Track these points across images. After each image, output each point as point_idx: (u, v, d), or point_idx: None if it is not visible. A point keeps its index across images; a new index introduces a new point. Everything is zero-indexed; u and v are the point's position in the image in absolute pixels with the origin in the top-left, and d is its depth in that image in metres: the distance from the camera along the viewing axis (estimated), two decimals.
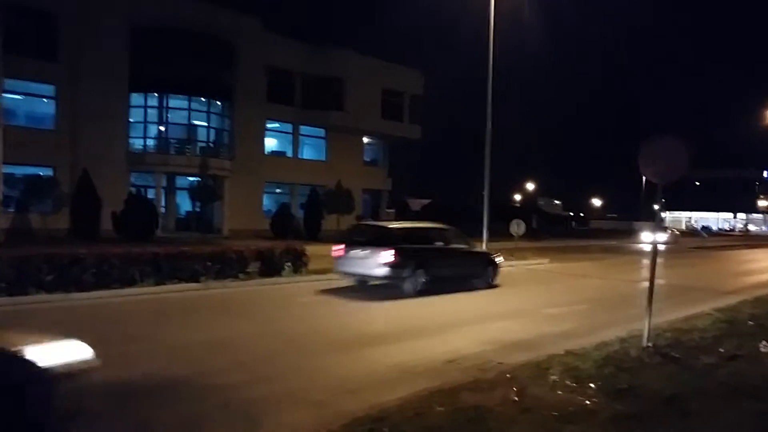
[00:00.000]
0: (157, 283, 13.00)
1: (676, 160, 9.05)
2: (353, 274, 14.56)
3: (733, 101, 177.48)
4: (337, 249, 14.65)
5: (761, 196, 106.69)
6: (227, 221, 33.88)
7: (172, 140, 33.74)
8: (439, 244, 15.47)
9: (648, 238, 41.92)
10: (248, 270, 14.74)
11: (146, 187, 32.00)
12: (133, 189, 29.90)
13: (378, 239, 14.10)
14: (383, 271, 13.59)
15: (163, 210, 32.38)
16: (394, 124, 42.67)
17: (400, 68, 43.20)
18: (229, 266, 14.34)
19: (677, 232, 53.19)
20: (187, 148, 33.82)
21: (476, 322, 11.30)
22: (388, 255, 13.48)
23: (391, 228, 14.93)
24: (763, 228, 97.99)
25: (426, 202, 50.51)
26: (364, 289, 14.58)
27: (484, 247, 22.52)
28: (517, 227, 24.21)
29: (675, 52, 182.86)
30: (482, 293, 15.34)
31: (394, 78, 42.46)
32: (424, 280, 14.07)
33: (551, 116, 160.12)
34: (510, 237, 25.11)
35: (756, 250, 43.16)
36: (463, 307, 13.20)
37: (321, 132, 40.71)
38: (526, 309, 13.16)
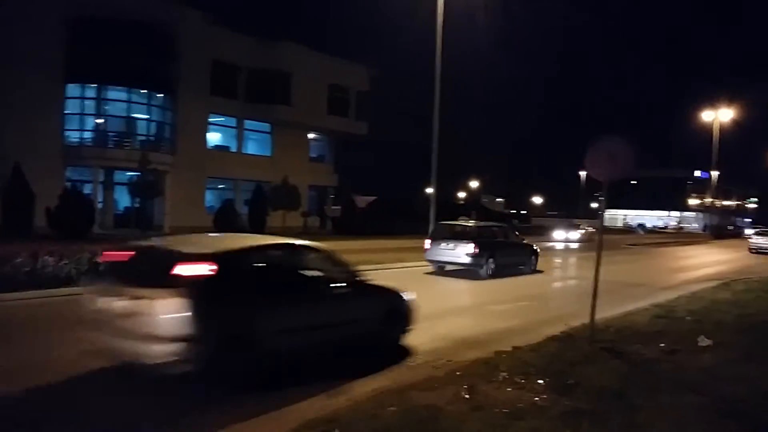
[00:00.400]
0: None
1: (621, 160, 9.24)
2: (439, 262, 18.52)
3: (666, 104, 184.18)
4: (426, 243, 18.76)
5: (693, 195, 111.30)
6: (168, 218, 33.02)
7: (110, 133, 32.69)
8: (501, 238, 19.34)
9: (560, 236, 42.34)
10: None
11: (83, 181, 30.87)
12: (68, 184, 28.78)
13: (461, 235, 18.16)
14: (467, 259, 17.46)
15: (100, 206, 31.33)
16: (341, 120, 42.50)
17: (347, 64, 42.99)
18: None
19: (592, 230, 45.27)
20: (126, 142, 32.80)
21: (424, 319, 11.27)
22: (471, 247, 17.39)
23: (471, 226, 19.21)
24: (695, 225, 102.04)
25: (372, 199, 50.52)
26: (444, 273, 18.53)
27: None
28: None
29: (612, 56, 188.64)
30: (427, 288, 15.39)
31: (341, 74, 42.26)
32: (493, 266, 17.86)
33: (496, 115, 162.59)
34: None
35: (688, 247, 44.95)
36: None
37: (266, 127, 40.14)
38: (473, 305, 13.27)
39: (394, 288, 8.95)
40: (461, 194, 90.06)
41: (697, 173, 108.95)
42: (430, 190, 25.73)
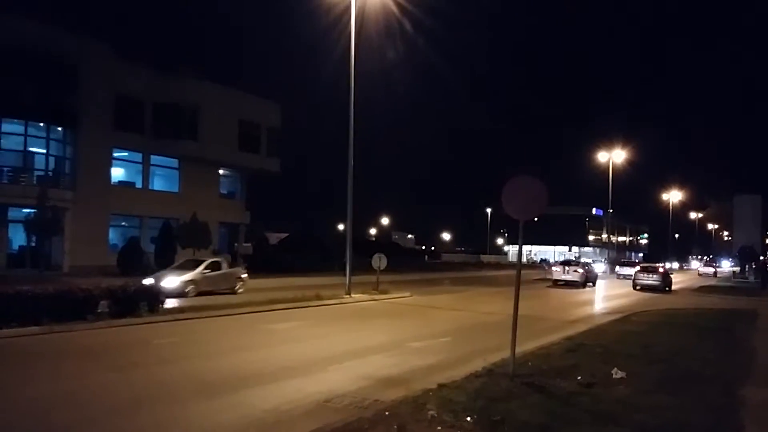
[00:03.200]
0: None
1: (536, 198, 9.61)
2: (643, 286, 34.95)
3: (565, 144, 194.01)
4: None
5: (591, 231, 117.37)
6: (68, 257, 31.18)
7: (4, 168, 30.72)
8: None
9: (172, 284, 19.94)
10: (98, 310, 13.57)
11: None
12: None
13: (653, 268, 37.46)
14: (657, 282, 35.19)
15: None
16: (252, 156, 41.91)
17: (258, 100, 42.66)
18: (77, 307, 13.10)
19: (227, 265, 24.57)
20: (22, 177, 30.92)
21: (347, 358, 11.16)
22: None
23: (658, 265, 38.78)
24: (594, 260, 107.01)
25: (284, 235, 49.97)
26: None
27: (347, 281, 22.62)
28: (379, 261, 24.52)
29: (513, 97, 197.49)
30: (347, 326, 15.27)
31: (252, 109, 41.84)
32: None
33: (405, 152, 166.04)
34: (370, 270, 25.32)
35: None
36: (332, 342, 13.03)
37: (174, 162, 38.97)
38: (393, 342, 13.24)
39: None
40: (372, 231, 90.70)
41: (594, 211, 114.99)
42: (341, 227, 25.74)
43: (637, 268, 39.18)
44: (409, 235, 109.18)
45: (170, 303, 15.60)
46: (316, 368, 10.13)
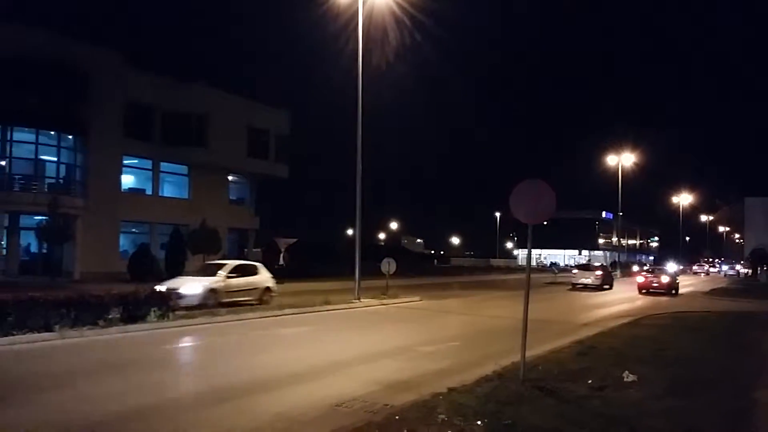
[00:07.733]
0: (5, 334, 11.65)
1: (544, 201, 9.60)
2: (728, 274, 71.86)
3: (573, 148, 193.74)
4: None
5: (601, 235, 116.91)
6: (79, 263, 31.38)
7: (16, 176, 30.98)
8: None
9: None
10: (109, 316, 13.65)
11: None
12: None
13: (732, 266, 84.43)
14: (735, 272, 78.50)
15: (3, 252, 29.42)
16: (261, 162, 42.09)
17: (266, 107, 42.88)
18: (88, 313, 13.18)
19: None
20: (34, 185, 31.16)
21: (357, 363, 11.16)
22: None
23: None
24: (605, 263, 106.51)
25: (293, 241, 50.04)
26: None
27: (356, 286, 22.62)
28: (388, 266, 24.54)
29: (518, 102, 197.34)
30: (356, 331, 15.28)
31: (260, 116, 42.04)
32: None
33: (413, 156, 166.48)
34: (380, 274, 25.36)
35: None
36: (342, 346, 13.04)
37: (183, 169, 39.21)
38: (403, 347, 13.22)
39: None
40: (381, 235, 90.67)
41: (604, 214, 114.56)
42: (350, 232, 25.80)
43: (726, 266, 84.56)
44: (418, 240, 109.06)
45: (181, 309, 15.66)
46: (326, 373, 10.15)
